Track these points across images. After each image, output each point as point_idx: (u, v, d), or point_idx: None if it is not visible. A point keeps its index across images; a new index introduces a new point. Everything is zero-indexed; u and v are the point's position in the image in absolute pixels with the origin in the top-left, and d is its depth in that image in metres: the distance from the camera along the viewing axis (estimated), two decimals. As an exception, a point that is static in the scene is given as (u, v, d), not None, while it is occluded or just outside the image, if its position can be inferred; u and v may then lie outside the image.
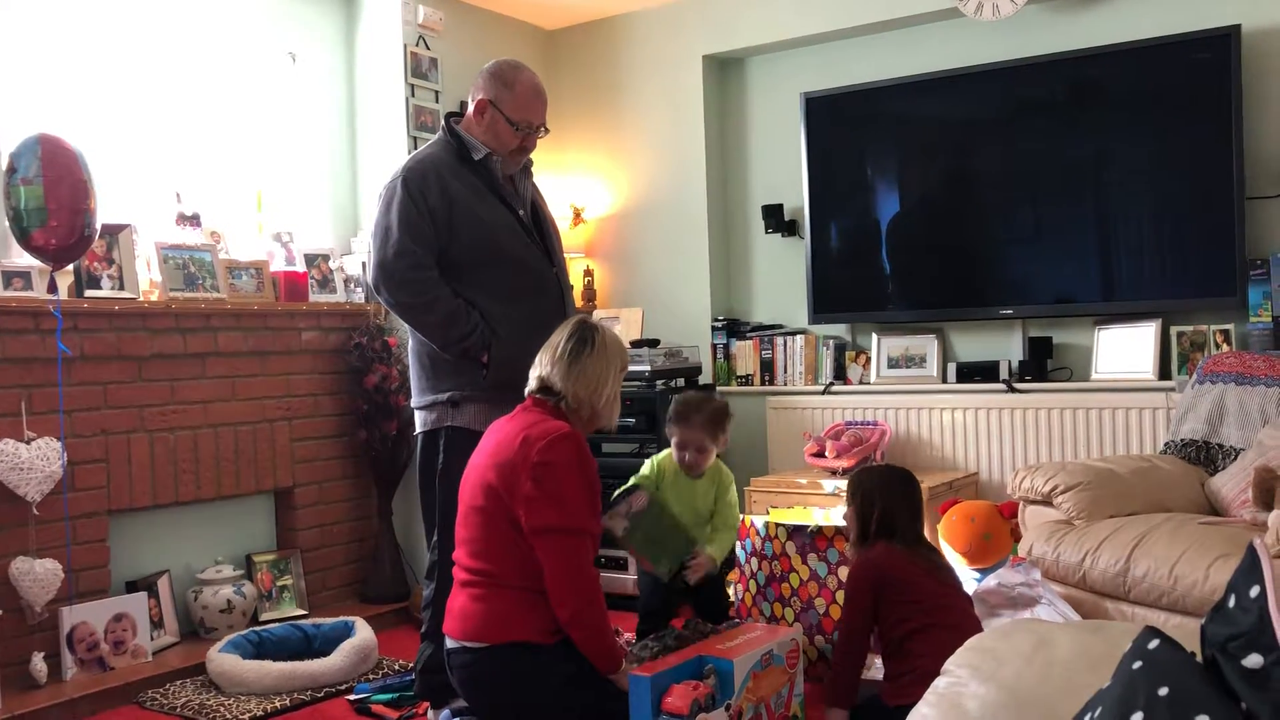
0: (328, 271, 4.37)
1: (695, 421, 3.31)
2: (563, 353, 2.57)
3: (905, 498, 2.89)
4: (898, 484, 2.91)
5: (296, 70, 4.51)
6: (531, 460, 2.43)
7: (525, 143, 3.02)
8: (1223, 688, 1.05)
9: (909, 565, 2.76)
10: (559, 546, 2.43)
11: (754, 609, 3.42)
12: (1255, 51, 3.87)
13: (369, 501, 4.49)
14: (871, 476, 2.97)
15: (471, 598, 2.51)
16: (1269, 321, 3.79)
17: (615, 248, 5.32)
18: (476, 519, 2.52)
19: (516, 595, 2.46)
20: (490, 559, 2.49)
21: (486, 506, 2.49)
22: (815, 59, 4.86)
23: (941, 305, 4.49)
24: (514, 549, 2.46)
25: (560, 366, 2.56)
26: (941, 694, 1.60)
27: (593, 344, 2.58)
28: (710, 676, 2.42)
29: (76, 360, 3.51)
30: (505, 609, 2.46)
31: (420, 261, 2.87)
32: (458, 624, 2.52)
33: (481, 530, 2.51)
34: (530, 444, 2.45)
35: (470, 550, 2.54)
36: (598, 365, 2.58)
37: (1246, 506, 3.12)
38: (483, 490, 2.50)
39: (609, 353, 2.61)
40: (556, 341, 2.61)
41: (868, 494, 2.88)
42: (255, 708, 3.26)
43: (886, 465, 3.12)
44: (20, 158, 3.20)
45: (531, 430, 2.48)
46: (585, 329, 2.61)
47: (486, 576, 2.49)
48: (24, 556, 3.32)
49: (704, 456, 3.33)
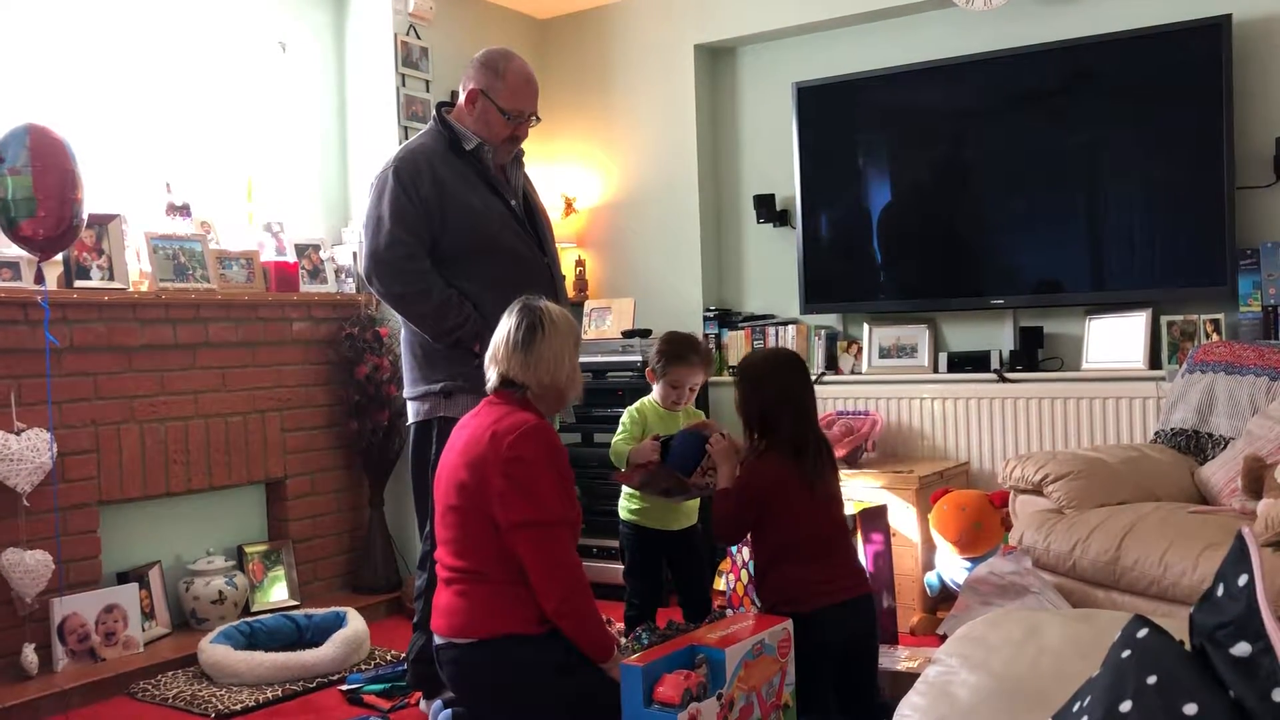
0: (318, 262, 4.36)
1: (695, 361, 3.31)
2: (515, 343, 2.54)
3: (788, 387, 2.76)
4: (779, 370, 2.79)
5: (287, 59, 4.49)
6: (502, 456, 2.43)
7: (517, 131, 3.01)
8: (1211, 676, 1.05)
9: (792, 481, 2.68)
10: (535, 539, 2.43)
11: (746, 598, 3.42)
12: (1246, 41, 3.88)
13: (360, 492, 4.49)
14: (751, 363, 2.86)
15: (456, 594, 2.51)
16: (1259, 311, 3.80)
17: (607, 238, 5.31)
18: (453, 518, 2.52)
19: (500, 589, 2.46)
20: (470, 556, 2.49)
21: (461, 505, 2.49)
22: (807, 48, 4.85)
23: (933, 295, 4.50)
24: (493, 544, 2.46)
25: (517, 358, 2.54)
26: (932, 682, 1.61)
27: (542, 327, 2.55)
28: (702, 666, 2.42)
29: (66, 351, 3.50)
30: (490, 603, 2.46)
31: (412, 252, 2.87)
32: (444, 620, 2.52)
33: (459, 530, 2.51)
34: (499, 439, 2.45)
35: (451, 550, 2.54)
36: (553, 347, 2.55)
37: (1236, 495, 3.13)
38: (456, 489, 2.50)
39: (560, 331, 2.58)
40: (505, 333, 2.57)
41: (749, 384, 2.78)
42: (247, 698, 3.26)
43: (769, 349, 2.95)
44: (8, 147, 3.17)
45: (499, 425, 2.48)
46: (530, 314, 2.57)
47: (469, 573, 2.49)
48: (14, 548, 3.31)
49: (695, 392, 3.38)
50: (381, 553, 4.40)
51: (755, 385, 2.78)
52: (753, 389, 2.78)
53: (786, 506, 2.68)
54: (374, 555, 4.39)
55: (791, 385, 2.77)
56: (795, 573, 2.65)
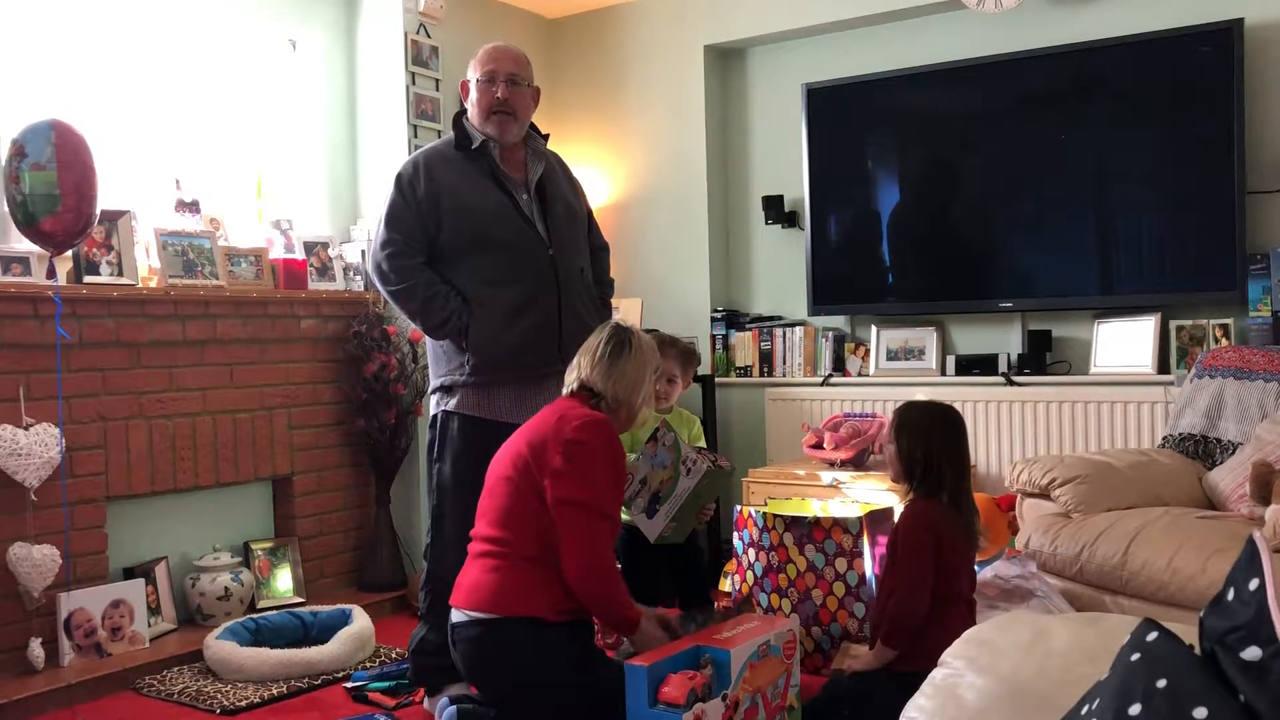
0: (327, 259, 4.36)
1: (669, 353, 3.44)
2: (601, 355, 2.67)
3: (952, 442, 2.76)
4: (944, 425, 2.78)
5: (297, 57, 4.50)
6: (565, 436, 2.52)
7: (499, 96, 3.01)
8: (1221, 680, 1.05)
9: (954, 531, 2.69)
10: (578, 519, 2.49)
11: (751, 600, 3.42)
12: (1257, 45, 3.87)
13: (367, 490, 4.49)
14: (916, 413, 2.83)
15: (485, 569, 2.55)
16: (1268, 316, 3.79)
17: (615, 238, 5.28)
18: (503, 488, 2.59)
19: (531, 569, 2.51)
20: (510, 527, 2.54)
21: (514, 477, 2.56)
22: (817, 50, 4.85)
23: (941, 298, 4.49)
24: (535, 520, 2.52)
25: (600, 368, 2.66)
26: (939, 685, 1.61)
27: (630, 346, 2.69)
28: (707, 666, 2.42)
29: (75, 346, 3.51)
30: (519, 581, 2.51)
31: (401, 250, 2.96)
32: (467, 596, 2.55)
33: (506, 499, 2.57)
34: (566, 421, 2.55)
35: (491, 519, 2.59)
36: (635, 366, 2.69)
37: (1244, 501, 3.12)
38: (512, 461, 2.58)
39: (645, 355, 2.72)
40: (594, 345, 2.70)
41: (912, 434, 2.76)
42: (252, 694, 3.26)
43: (930, 402, 2.96)
44: (31, 142, 3.15)
45: (569, 411, 2.60)
46: (621, 332, 2.72)
47: (504, 545, 2.53)
48: (22, 542, 3.31)
49: (674, 387, 3.49)
50: (387, 550, 4.40)
51: (923, 436, 2.75)
52: (919, 439, 2.75)
53: (952, 556, 2.68)
54: (380, 553, 4.40)
55: (958, 441, 2.78)
56: (960, 627, 2.24)
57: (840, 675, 2.77)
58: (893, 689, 2.42)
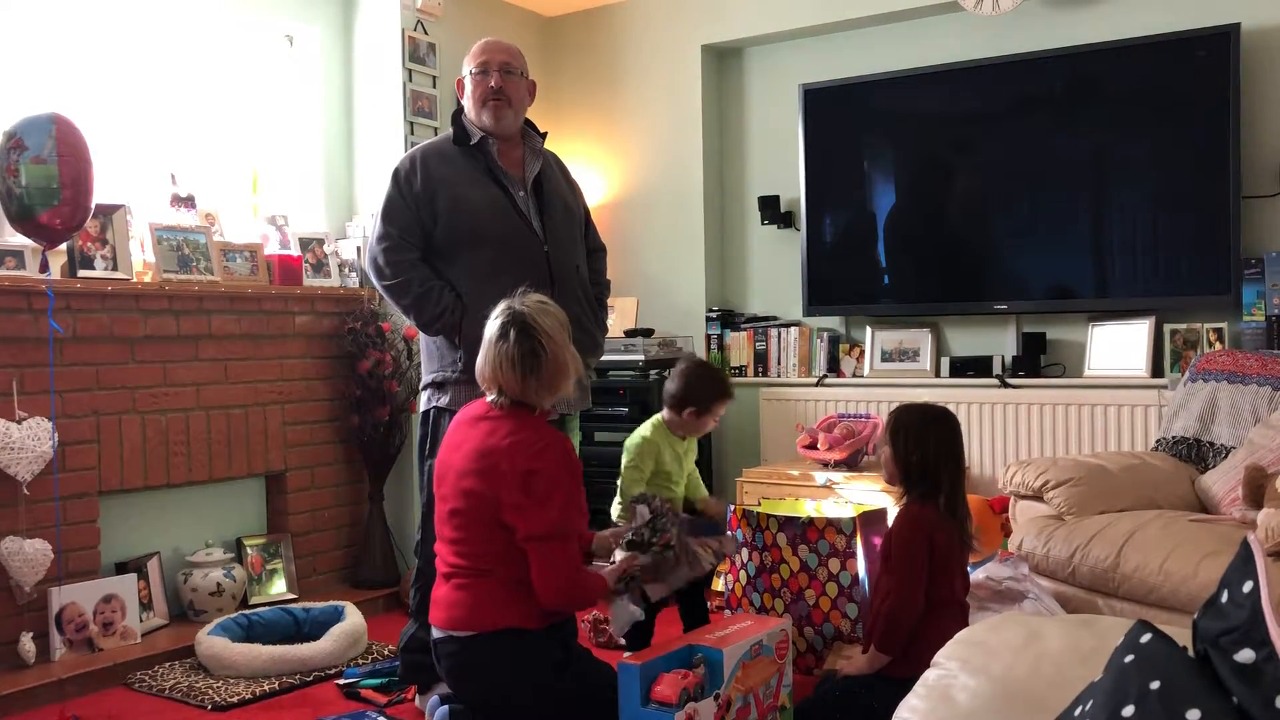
0: (322, 255, 4.36)
1: (725, 403, 3.38)
2: (521, 369, 2.45)
3: (947, 445, 2.76)
4: (940, 429, 2.78)
5: (293, 53, 4.49)
6: (520, 469, 2.41)
7: (493, 85, 3.01)
8: (1214, 682, 1.05)
9: (949, 535, 2.69)
10: (550, 550, 2.43)
11: (744, 600, 3.42)
12: (1254, 50, 3.88)
13: (360, 486, 4.49)
14: (912, 416, 2.82)
15: (456, 587, 2.50)
16: (1262, 320, 3.80)
17: (611, 237, 5.27)
18: (457, 521, 2.50)
19: (501, 584, 2.46)
20: (474, 558, 2.48)
21: (467, 509, 2.47)
22: (814, 50, 4.85)
23: (936, 299, 4.50)
24: (498, 544, 2.45)
25: (529, 384, 2.47)
26: (932, 686, 1.61)
27: (544, 349, 2.47)
28: (700, 666, 2.42)
29: (68, 340, 3.50)
30: (490, 597, 2.46)
31: (395, 245, 2.98)
32: (443, 613, 2.51)
33: (464, 531, 2.49)
34: (517, 451, 2.43)
35: (453, 550, 2.52)
36: (556, 362, 2.49)
37: (1237, 505, 3.13)
38: (462, 495, 2.48)
39: (556, 341, 2.50)
40: (504, 355, 2.46)
41: (908, 437, 2.75)
42: (244, 690, 3.26)
43: (926, 405, 2.90)
44: (30, 135, 3.14)
45: (516, 436, 2.45)
46: (524, 336, 2.46)
47: (470, 570, 2.49)
48: (13, 536, 3.31)
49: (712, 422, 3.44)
50: (381, 547, 4.40)
51: (918, 439, 2.74)
52: (915, 443, 2.74)
53: (946, 560, 2.67)
54: (373, 550, 4.39)
55: (953, 445, 2.77)
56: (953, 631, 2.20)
57: (833, 675, 2.77)
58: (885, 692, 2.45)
